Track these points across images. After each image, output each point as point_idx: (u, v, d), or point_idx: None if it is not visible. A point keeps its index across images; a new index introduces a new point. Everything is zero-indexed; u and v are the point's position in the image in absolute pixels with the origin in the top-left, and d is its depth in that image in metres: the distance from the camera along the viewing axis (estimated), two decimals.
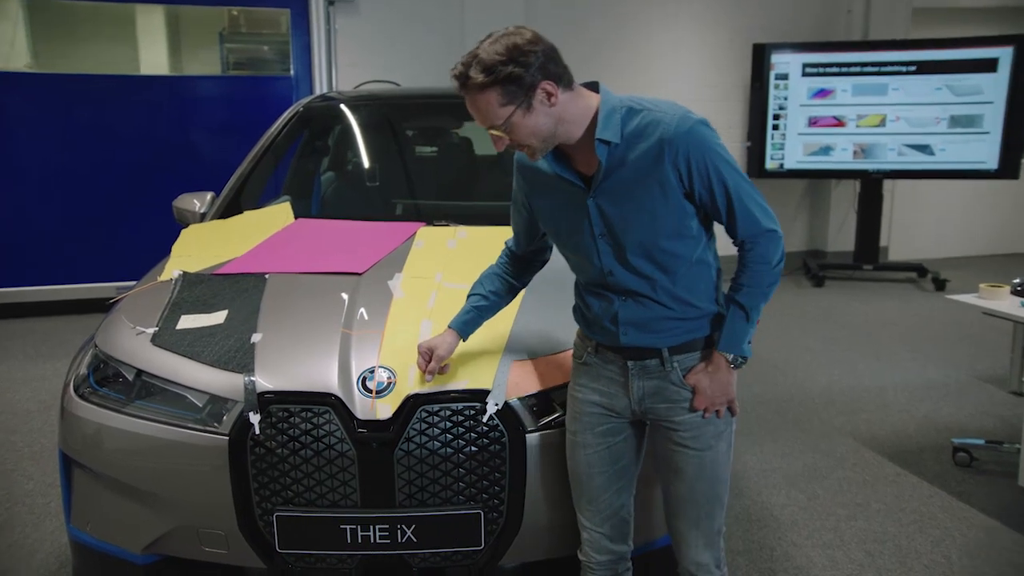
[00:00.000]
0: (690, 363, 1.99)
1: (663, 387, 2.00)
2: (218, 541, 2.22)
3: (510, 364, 2.24)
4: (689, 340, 1.98)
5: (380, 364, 2.22)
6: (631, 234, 1.91)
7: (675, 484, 2.05)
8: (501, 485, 2.17)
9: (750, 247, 1.92)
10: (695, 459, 2.01)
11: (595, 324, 2.04)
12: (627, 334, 1.98)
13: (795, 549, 3.12)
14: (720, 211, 1.90)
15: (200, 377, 2.24)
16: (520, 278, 2.23)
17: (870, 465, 3.83)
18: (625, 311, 1.97)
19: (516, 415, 2.17)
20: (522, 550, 2.23)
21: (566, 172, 1.93)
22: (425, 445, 2.13)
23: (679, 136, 1.83)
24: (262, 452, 2.14)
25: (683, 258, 1.92)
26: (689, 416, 2.00)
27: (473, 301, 2.21)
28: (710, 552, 2.07)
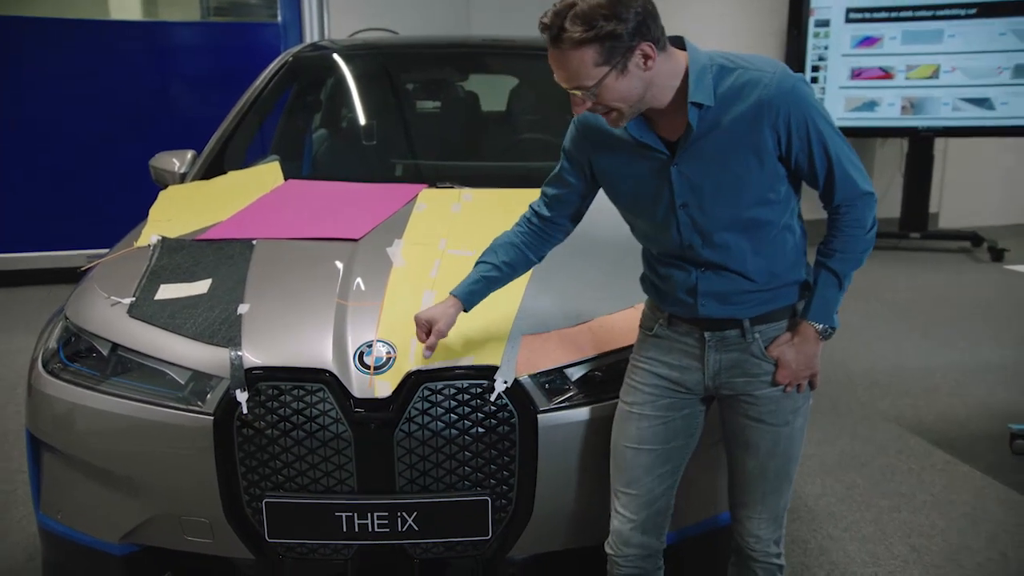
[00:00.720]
0: (773, 334, 2.03)
1: (742, 360, 2.03)
2: (202, 530, 2.25)
3: (521, 338, 2.26)
4: (772, 310, 2.02)
5: (378, 338, 2.24)
6: (717, 204, 1.93)
7: (745, 459, 2.10)
8: (510, 470, 2.19)
9: (845, 211, 1.95)
10: (770, 435, 2.06)
11: (668, 295, 2.06)
12: (706, 305, 2.00)
13: (831, 543, 3.15)
14: (817, 177, 1.93)
15: (182, 351, 2.26)
16: (538, 250, 2.24)
17: (916, 453, 3.85)
18: (705, 283, 1.99)
19: (527, 394, 2.19)
20: (534, 540, 2.26)
21: (647, 137, 1.93)
22: (428, 426, 2.16)
23: (780, 96, 1.84)
24: (250, 433, 2.16)
25: (770, 225, 1.95)
26: (769, 390, 2.03)
27: (482, 270, 2.21)
28: (773, 528, 2.14)
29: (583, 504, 2.25)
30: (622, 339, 2.27)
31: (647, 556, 2.17)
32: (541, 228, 2.22)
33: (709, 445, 2.24)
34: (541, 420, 2.19)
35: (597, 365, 2.28)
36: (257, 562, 2.27)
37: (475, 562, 2.26)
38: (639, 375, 2.12)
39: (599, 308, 2.38)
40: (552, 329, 2.31)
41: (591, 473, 2.21)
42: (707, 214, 1.94)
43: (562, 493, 2.24)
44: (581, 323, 2.33)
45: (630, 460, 2.12)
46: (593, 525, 2.22)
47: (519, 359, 2.22)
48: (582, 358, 2.27)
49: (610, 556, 2.18)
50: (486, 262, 2.21)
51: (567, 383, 2.26)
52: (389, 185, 3.18)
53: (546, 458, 2.20)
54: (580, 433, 2.21)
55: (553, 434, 2.20)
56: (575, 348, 2.28)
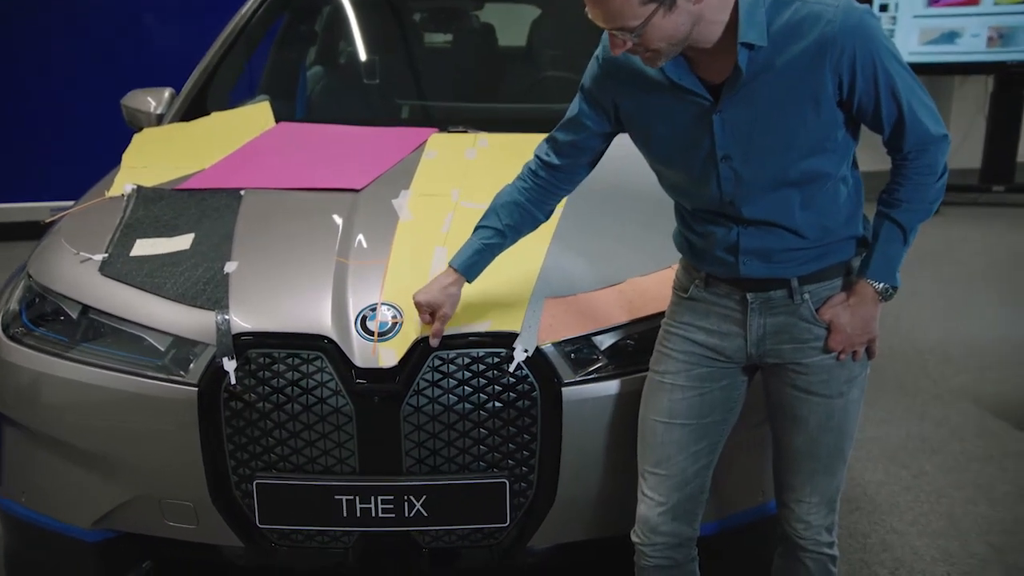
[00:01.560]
0: (824, 294, 2.04)
1: (790, 324, 2.05)
2: (185, 514, 2.30)
3: (543, 301, 2.29)
4: (824, 267, 2.03)
5: (383, 301, 2.27)
6: (765, 156, 1.93)
7: (793, 435, 2.12)
8: (531, 449, 2.23)
9: (915, 156, 1.95)
10: (821, 408, 2.08)
11: (706, 254, 2.07)
12: (748, 264, 2.02)
13: (895, 537, 3.17)
14: (884, 122, 1.93)
15: (161, 314, 2.30)
16: (544, 205, 2.24)
17: (997, 437, 3.86)
18: (748, 240, 2.01)
19: (550, 364, 2.22)
20: (556, 528, 2.30)
21: (687, 79, 1.93)
22: (438, 399, 2.19)
23: (845, 33, 1.82)
24: (239, 407, 2.20)
25: (824, 176, 1.96)
26: (820, 358, 2.05)
27: (483, 236, 2.22)
28: (824, 513, 2.16)
29: (613, 488, 2.29)
30: (657, 304, 2.29)
31: (678, 545, 2.19)
32: (549, 180, 2.21)
33: (755, 425, 2.26)
34: (565, 394, 2.22)
35: (629, 333, 2.31)
36: (247, 550, 2.31)
37: (491, 552, 2.30)
38: (672, 341, 2.14)
39: (631, 269, 2.40)
40: (578, 292, 2.33)
41: (622, 454, 2.24)
42: (753, 167, 1.94)
43: (589, 476, 2.28)
44: (611, 285, 2.35)
45: (660, 436, 2.14)
46: (623, 512, 2.25)
47: (541, 325, 2.25)
48: (612, 325, 2.30)
49: (637, 545, 2.20)
50: (487, 227, 2.22)
51: (595, 353, 2.29)
52: (394, 129, 3.20)
53: (571, 436, 2.23)
54: (609, 409, 2.25)
55: (579, 409, 2.23)
56: (604, 313, 2.30)
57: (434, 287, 2.20)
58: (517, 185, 2.23)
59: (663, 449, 2.14)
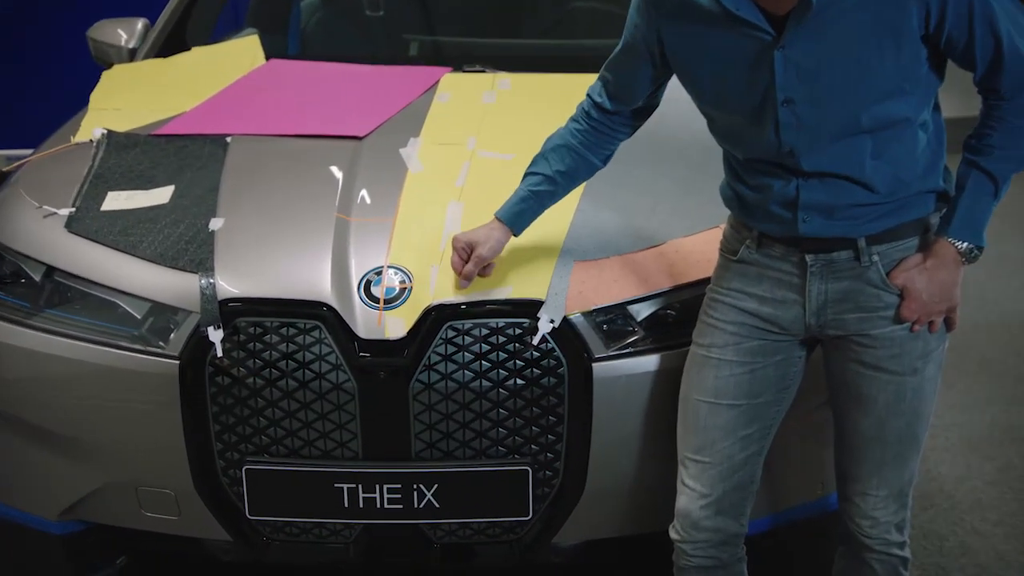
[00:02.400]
0: (897, 255, 2.02)
1: (856, 290, 2.03)
2: (165, 504, 2.33)
3: (572, 265, 2.30)
4: (897, 224, 2.01)
5: (390, 263, 2.29)
6: (834, 99, 1.92)
7: (858, 419, 2.12)
8: (557, 432, 2.25)
9: (1012, 96, 1.94)
10: (891, 386, 2.07)
11: (759, 209, 2.06)
12: (809, 222, 2.00)
13: (977, 540, 3.16)
14: (978, 60, 1.92)
15: (137, 277, 2.32)
16: (602, 150, 2.24)
17: None
18: (809, 194, 1.99)
19: (579, 336, 2.24)
20: (585, 522, 2.32)
21: (746, 10, 1.91)
22: (452, 376, 2.20)
23: None
24: (226, 382, 2.22)
25: (901, 122, 1.94)
26: (891, 329, 2.03)
27: (531, 183, 2.22)
28: (894, 508, 2.15)
29: (649, 478, 2.31)
30: (702, 268, 2.29)
31: (722, 543, 2.19)
32: (603, 123, 2.21)
33: (813, 407, 2.27)
34: (597, 370, 2.23)
35: (669, 301, 2.32)
36: (235, 545, 2.35)
37: (511, 548, 2.33)
38: (719, 311, 2.14)
39: (672, 228, 2.41)
40: (612, 255, 2.34)
41: (660, 439, 2.24)
42: (818, 112, 1.93)
43: (622, 463, 2.30)
44: (649, 247, 2.36)
45: (704, 418, 2.14)
46: (661, 505, 2.25)
47: (570, 292, 2.26)
48: (650, 292, 2.31)
49: (676, 543, 2.20)
50: (536, 173, 2.22)
51: (630, 323, 2.30)
52: (402, 68, 3.20)
53: (603, 418, 2.25)
54: (646, 387, 2.26)
55: (612, 388, 2.24)
56: (641, 279, 2.31)
57: (482, 229, 2.21)
58: (570, 127, 2.23)
59: (707, 433, 2.14)
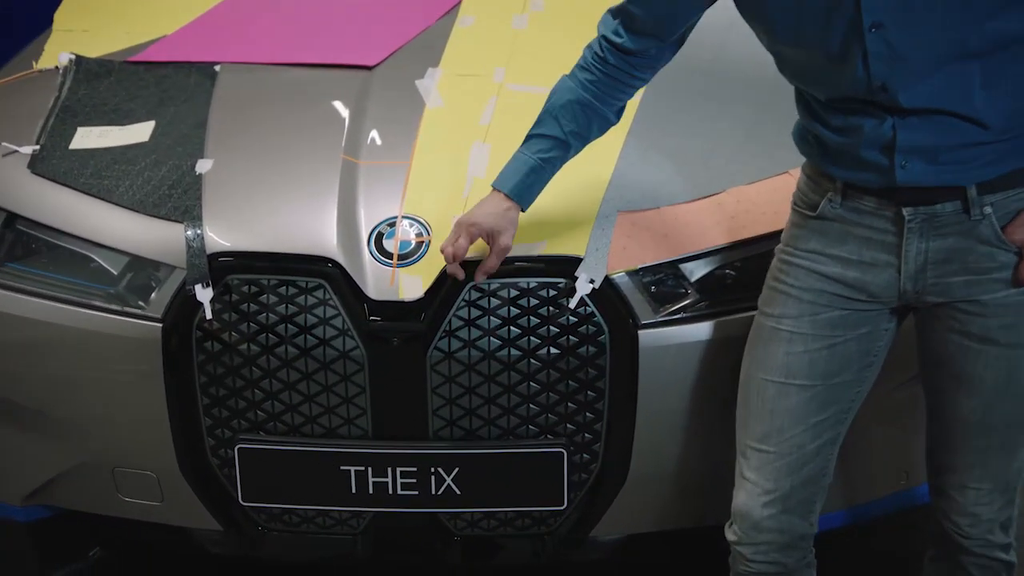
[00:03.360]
0: (1014, 206, 1.98)
1: (963, 248, 1.99)
2: (146, 488, 2.34)
3: (615, 217, 2.29)
4: (1014, 170, 1.97)
5: (405, 213, 2.28)
6: (933, 18, 1.86)
7: (960, 400, 2.08)
8: (597, 410, 2.24)
9: None
10: (1002, 362, 2.03)
11: (845, 156, 2.00)
12: (908, 168, 1.95)
13: None
14: None
15: (113, 227, 2.32)
16: (616, 101, 2.21)
17: None
18: (908, 135, 1.93)
19: (623, 299, 2.23)
20: (628, 514, 2.33)
21: None
22: (476, 343, 2.20)
23: None
24: (216, 349, 2.22)
25: (1019, 41, 1.90)
26: (1004, 294, 1.97)
27: (538, 149, 2.18)
28: (998, 505, 2.13)
29: (704, 465, 2.31)
30: (769, 222, 2.28)
31: (787, 546, 2.15)
32: (622, 68, 2.17)
33: (900, 383, 2.25)
34: (643, 338, 2.23)
35: (729, 259, 2.31)
36: (226, 535, 2.36)
37: (543, 542, 2.33)
38: (792, 275, 2.10)
39: (734, 174, 2.40)
40: (662, 205, 2.33)
41: (716, 420, 2.25)
42: (915, 35, 1.87)
43: (671, 447, 2.30)
44: (706, 196, 2.35)
45: (771, 401, 2.11)
46: (716, 497, 2.25)
47: (612, 248, 2.25)
48: (706, 248, 2.30)
49: (733, 545, 2.17)
50: (543, 136, 2.18)
51: (683, 285, 2.30)
52: None
53: (649, 394, 2.24)
54: (701, 359, 2.25)
55: (660, 359, 2.24)
56: (696, 233, 2.30)
57: (487, 208, 2.17)
58: (579, 77, 2.19)
59: (774, 419, 2.11)
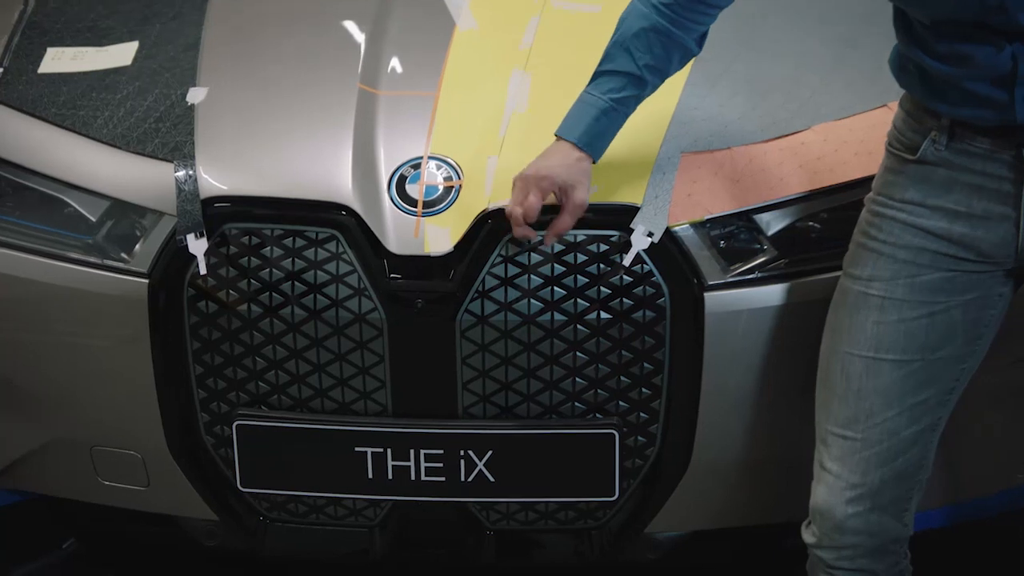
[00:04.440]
0: None
1: None
2: (129, 470, 2.36)
3: (679, 159, 2.27)
4: None
5: (432, 153, 2.27)
6: None
7: None
8: (654, 385, 2.24)
9: None
10: None
11: (953, 89, 1.98)
12: None
13: None
14: None
15: (91, 166, 2.33)
16: (698, 26, 2.18)
17: None
18: None
19: (687, 256, 2.22)
20: (690, 507, 2.33)
21: None
22: (514, 306, 2.19)
23: None
24: (211, 310, 2.22)
25: None
26: None
27: (612, 88, 2.15)
28: None
29: (780, 449, 2.31)
30: (860, 165, 2.27)
31: (877, 550, 2.13)
32: None
33: (1014, 361, 2.23)
34: (710, 302, 2.22)
35: (812, 210, 2.30)
36: (221, 526, 2.37)
37: (590, 539, 2.34)
38: (886, 230, 2.07)
39: (818, 109, 2.38)
40: (734, 145, 2.32)
41: (795, 397, 2.24)
42: None
43: (742, 428, 2.30)
44: (785, 135, 2.33)
45: (859, 379, 2.09)
46: (794, 490, 2.23)
47: (675, 196, 2.24)
48: (785, 196, 2.28)
49: (811, 548, 2.15)
50: (616, 73, 2.16)
51: (758, 240, 2.29)
52: None
53: (717, 367, 2.24)
54: (777, 326, 2.24)
55: (730, 326, 2.23)
56: (773, 178, 2.29)
57: (555, 160, 2.14)
58: (652, 1, 2.17)
59: (861, 400, 2.08)
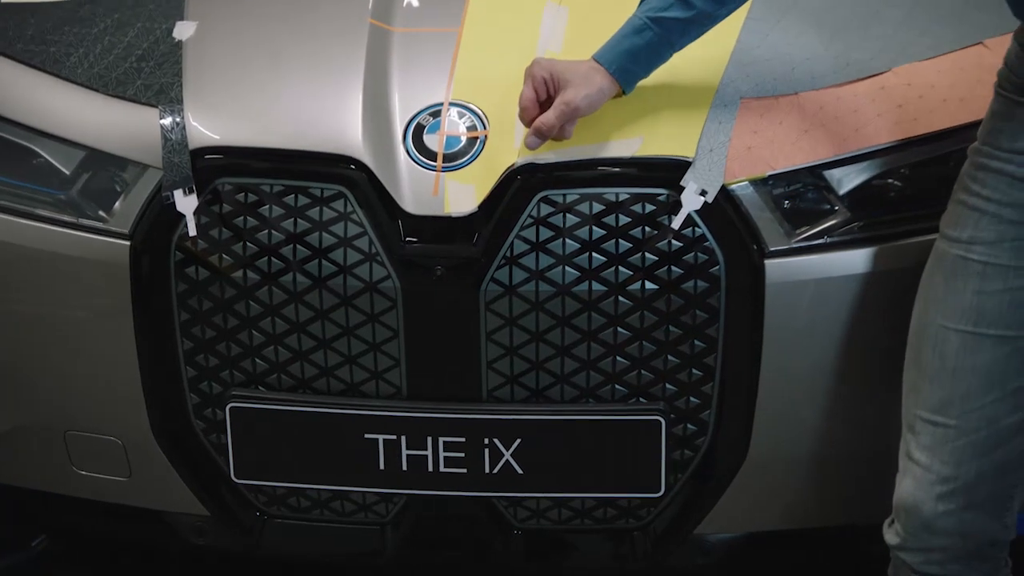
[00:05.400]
0: None
1: None
2: (108, 459, 2.37)
3: (737, 106, 2.26)
4: None
5: (454, 99, 2.27)
6: None
7: None
8: (706, 366, 2.24)
9: None
10: None
11: None
12: None
13: None
14: None
15: (64, 111, 2.34)
16: None
17: None
18: None
19: (746, 219, 2.21)
20: (747, 506, 2.33)
21: None
22: (546, 275, 2.20)
23: None
24: (201, 277, 2.23)
25: None
26: None
27: (655, 8, 2.15)
28: None
29: (853, 441, 2.30)
30: (949, 111, 2.25)
31: (972, 554, 2.11)
32: None
33: None
34: (771, 270, 2.21)
35: (893, 164, 2.29)
36: (213, 521, 2.39)
37: (631, 541, 2.34)
38: (991, 185, 2.04)
39: (902, 46, 2.37)
40: (801, 90, 2.30)
41: (873, 381, 2.25)
42: None
43: (808, 416, 2.29)
44: (864, 78, 2.32)
45: (955, 357, 2.07)
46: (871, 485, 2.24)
47: (732, 148, 2.23)
48: (861, 149, 2.27)
49: (895, 550, 2.14)
50: None
51: (827, 199, 2.28)
52: None
53: (779, 344, 2.23)
54: (850, 299, 2.23)
55: (796, 299, 2.23)
56: (848, 128, 2.27)
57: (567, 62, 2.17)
58: None
59: (957, 381, 2.07)
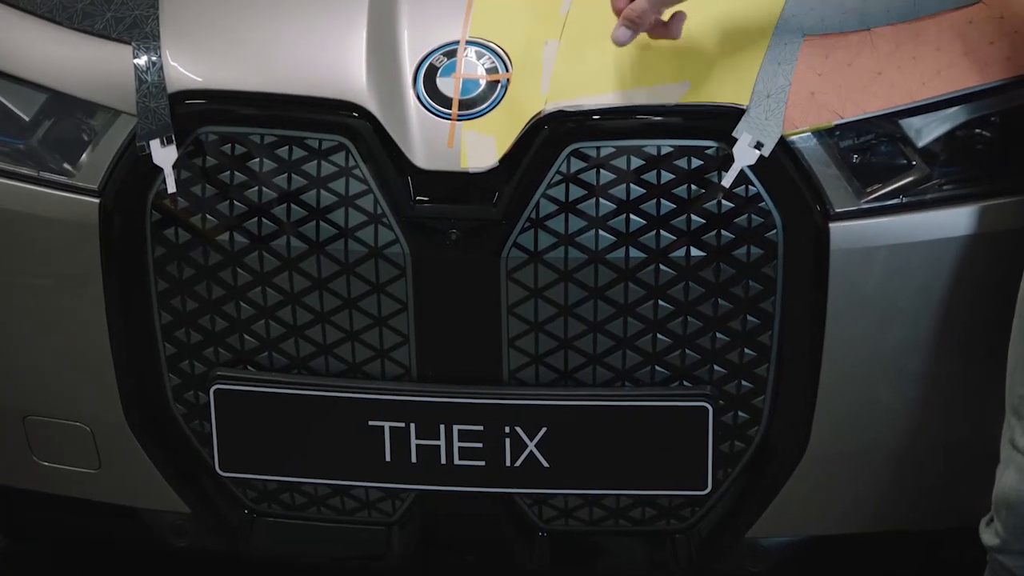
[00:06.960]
0: None
1: None
2: (74, 448, 2.49)
3: (797, 46, 2.34)
4: None
5: (471, 37, 2.36)
6: None
7: None
8: (761, 345, 2.34)
9: None
10: None
11: None
12: None
13: None
14: None
15: (23, 48, 2.46)
16: None
17: None
18: None
19: (808, 176, 2.30)
20: (807, 506, 2.42)
21: None
22: (577, 240, 2.29)
23: None
24: (182, 240, 2.34)
25: None
26: None
27: None
28: None
29: (935, 430, 2.39)
30: None
31: None
32: None
33: None
34: (837, 235, 2.30)
35: (981, 111, 2.36)
36: (195, 519, 2.50)
37: (674, 545, 2.44)
38: None
39: None
40: (873, 25, 2.37)
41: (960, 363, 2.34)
42: None
43: (880, 402, 2.39)
44: (944, 12, 2.38)
45: None
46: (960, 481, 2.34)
47: (793, 94, 2.31)
48: (945, 94, 2.34)
49: (993, 552, 2.20)
50: None
51: (903, 153, 2.37)
52: None
53: (846, 320, 2.32)
54: (931, 268, 2.32)
55: (866, 268, 2.32)
56: (928, 69, 2.34)
57: None
58: None
59: None
